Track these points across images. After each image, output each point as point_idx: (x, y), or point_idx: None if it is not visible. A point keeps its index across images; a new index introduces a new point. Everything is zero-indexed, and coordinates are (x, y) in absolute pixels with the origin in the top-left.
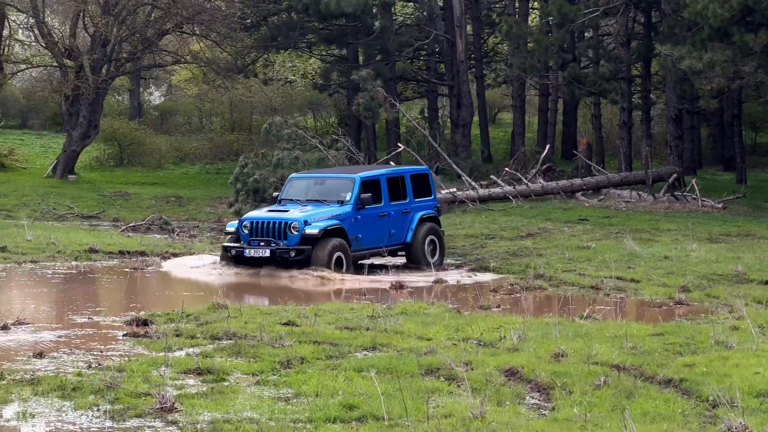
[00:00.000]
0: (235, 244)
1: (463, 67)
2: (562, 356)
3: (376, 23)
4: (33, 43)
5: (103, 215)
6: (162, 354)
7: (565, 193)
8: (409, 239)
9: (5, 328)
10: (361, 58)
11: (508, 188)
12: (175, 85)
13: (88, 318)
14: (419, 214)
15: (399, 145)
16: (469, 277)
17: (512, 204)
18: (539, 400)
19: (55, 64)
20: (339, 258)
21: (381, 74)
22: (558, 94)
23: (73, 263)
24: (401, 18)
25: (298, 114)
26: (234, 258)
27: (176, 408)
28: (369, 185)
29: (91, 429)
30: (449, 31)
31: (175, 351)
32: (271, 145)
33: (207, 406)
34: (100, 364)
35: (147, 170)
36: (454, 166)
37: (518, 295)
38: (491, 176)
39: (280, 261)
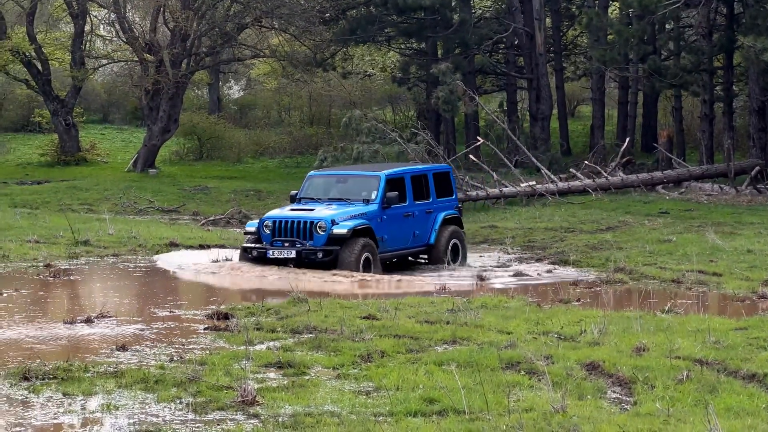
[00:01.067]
0: (257, 245)
1: (542, 59)
2: (644, 350)
3: (455, 16)
4: (114, 39)
5: (182, 209)
6: (243, 347)
7: (646, 186)
8: (432, 241)
9: (89, 321)
10: (440, 52)
11: (587, 181)
12: (254, 79)
13: (170, 311)
14: (442, 215)
15: (478, 138)
16: (549, 272)
17: (592, 197)
18: (621, 395)
19: (135, 59)
20: (367, 259)
21: (460, 67)
22: (638, 86)
23: (154, 257)
24: (480, 11)
25: (377, 108)
26: (255, 260)
27: (257, 401)
28: (394, 183)
29: (174, 421)
30: (528, 23)
31: (256, 344)
32: (351, 138)
33: (288, 400)
34: (182, 357)
35: (226, 164)
36: (534, 159)
37: (598, 288)
38: (570, 169)
39: (306, 262)
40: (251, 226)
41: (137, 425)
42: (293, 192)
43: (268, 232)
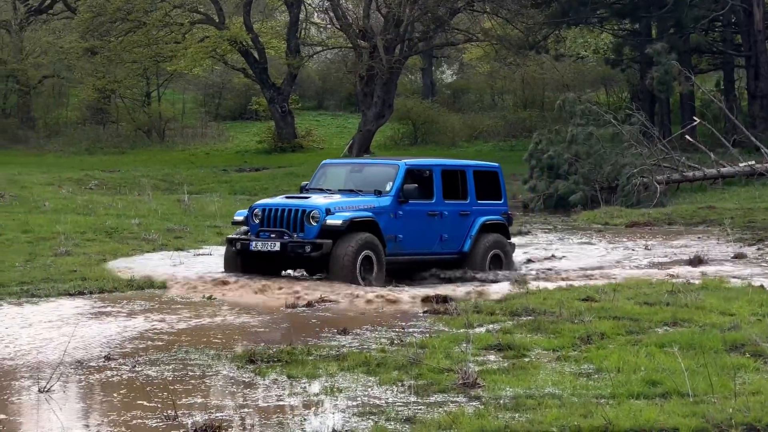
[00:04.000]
0: (241, 236)
1: (761, 36)
2: None
3: None
4: (328, 26)
5: None
6: (462, 330)
7: None
8: (466, 248)
9: (310, 305)
10: (654, 32)
11: None
12: (467, 63)
13: (388, 295)
14: (482, 220)
15: (694, 118)
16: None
17: None
18: None
19: (349, 45)
20: (367, 258)
21: (675, 47)
22: None
23: None
24: None
25: (590, 90)
26: (239, 253)
27: (478, 383)
28: (416, 175)
29: (396, 404)
30: (746, 0)
31: (475, 327)
32: (564, 121)
33: (509, 382)
34: (402, 341)
35: (440, 148)
36: (753, 138)
37: None
38: None
39: (292, 257)
40: (240, 215)
41: (360, 407)
42: (304, 183)
43: (256, 221)
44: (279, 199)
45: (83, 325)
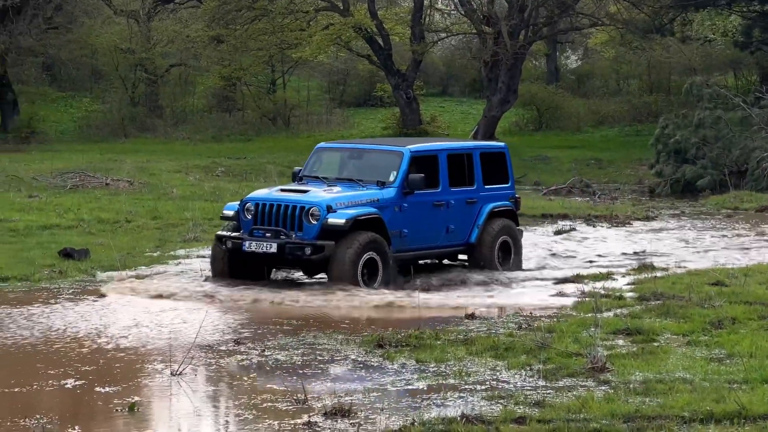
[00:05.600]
0: (233, 234)
1: None
2: None
3: None
4: (452, 12)
5: (523, 179)
6: (590, 315)
7: None
8: (473, 239)
9: (426, 290)
10: None
11: None
12: (592, 48)
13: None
14: (490, 206)
15: None
16: None
17: None
18: None
19: (473, 31)
20: (371, 261)
21: None
22: None
23: None
24: None
25: (718, 73)
26: (230, 252)
27: (607, 368)
28: (422, 162)
29: (525, 388)
30: None
31: (603, 312)
32: (691, 105)
33: (638, 366)
34: (530, 325)
35: (565, 134)
36: None
37: None
38: None
39: (290, 260)
40: (230, 209)
41: (489, 392)
42: (296, 168)
43: (249, 217)
44: (274, 193)
45: (213, 309)
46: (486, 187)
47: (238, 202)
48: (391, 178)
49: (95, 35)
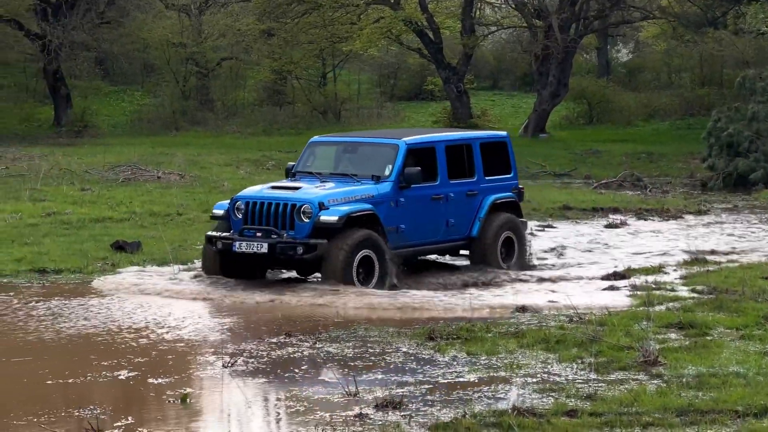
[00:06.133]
0: (223, 234)
1: None
2: None
3: None
4: (503, 6)
5: (574, 173)
6: (642, 308)
7: None
8: (475, 233)
9: (474, 286)
10: None
11: None
12: (643, 42)
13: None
14: (491, 199)
15: None
16: None
17: None
18: None
19: (524, 25)
20: (367, 259)
21: None
22: None
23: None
24: None
25: None
26: (220, 254)
27: (660, 361)
28: (419, 155)
29: (576, 381)
30: None
31: (655, 305)
32: (744, 98)
33: (691, 360)
34: (581, 318)
35: (616, 127)
36: None
37: None
38: None
39: (282, 260)
40: (220, 207)
41: (540, 384)
42: (290, 164)
43: (239, 216)
44: (265, 190)
45: (265, 302)
46: (487, 178)
47: (228, 201)
48: (387, 172)
49: (147, 29)
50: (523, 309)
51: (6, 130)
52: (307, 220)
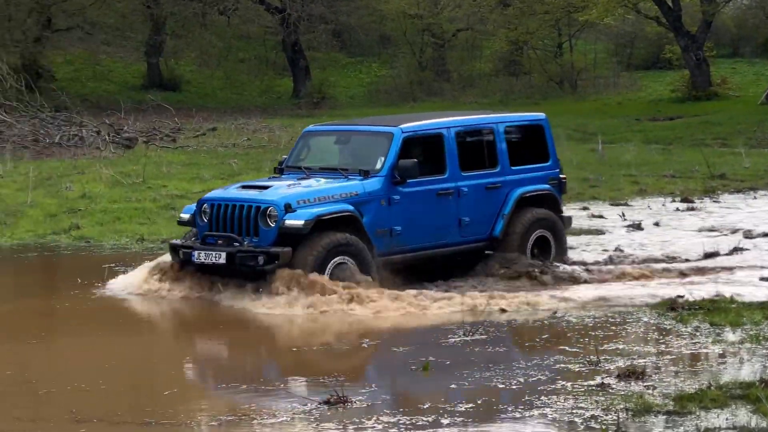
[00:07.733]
0: (186, 243)
1: None
2: None
3: None
4: None
5: None
6: None
7: None
8: (497, 232)
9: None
10: None
11: None
12: None
13: None
14: (518, 192)
15: None
16: None
17: None
18: None
19: None
20: (342, 265)
21: None
22: None
23: None
24: None
25: None
26: (182, 264)
27: None
28: (421, 144)
29: None
30: None
31: None
32: None
33: None
34: None
35: None
36: None
37: None
38: None
39: (243, 271)
40: (187, 212)
41: None
42: (284, 157)
43: (205, 221)
44: (234, 190)
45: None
46: (514, 168)
47: (195, 204)
48: (378, 166)
49: (384, 1)
50: (766, 279)
51: (247, 102)
52: (273, 225)
